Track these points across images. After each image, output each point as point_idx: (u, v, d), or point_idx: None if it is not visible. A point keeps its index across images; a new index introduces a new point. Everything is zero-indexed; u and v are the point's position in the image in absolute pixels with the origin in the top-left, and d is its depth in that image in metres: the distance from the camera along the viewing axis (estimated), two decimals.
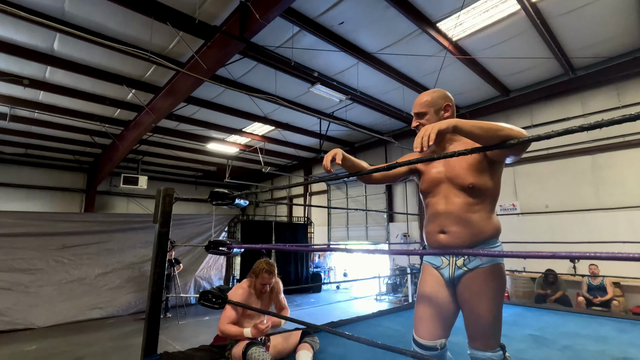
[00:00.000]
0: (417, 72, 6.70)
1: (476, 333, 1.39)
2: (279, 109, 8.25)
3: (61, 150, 10.77)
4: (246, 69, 6.45)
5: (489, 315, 1.35)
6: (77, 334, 5.72)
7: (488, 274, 1.37)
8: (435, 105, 1.53)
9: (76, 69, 6.10)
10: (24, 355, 4.63)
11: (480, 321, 1.37)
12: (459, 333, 1.66)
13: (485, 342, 1.37)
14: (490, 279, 1.37)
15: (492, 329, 1.36)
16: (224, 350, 2.37)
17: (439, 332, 1.45)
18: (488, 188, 1.39)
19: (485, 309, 1.35)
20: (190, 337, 5.50)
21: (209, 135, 10.00)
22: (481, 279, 1.37)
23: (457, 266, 1.44)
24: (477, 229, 1.38)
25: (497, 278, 1.38)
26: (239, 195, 2.18)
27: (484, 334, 1.37)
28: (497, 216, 1.48)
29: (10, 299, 5.96)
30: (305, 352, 1.99)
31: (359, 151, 11.28)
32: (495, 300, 1.36)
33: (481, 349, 1.38)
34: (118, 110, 8.08)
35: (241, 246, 2.17)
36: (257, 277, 2.41)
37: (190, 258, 8.28)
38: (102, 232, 7.13)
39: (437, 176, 1.49)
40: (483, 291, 1.36)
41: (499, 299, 1.38)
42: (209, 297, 2.16)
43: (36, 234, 6.45)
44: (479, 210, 1.39)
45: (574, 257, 0.77)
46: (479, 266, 1.39)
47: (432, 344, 1.44)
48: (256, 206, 16.29)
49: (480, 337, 1.38)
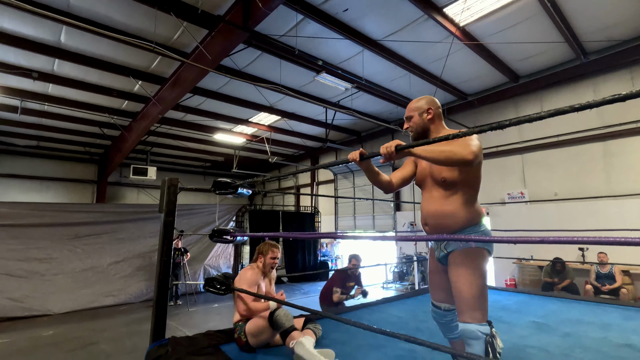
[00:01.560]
0: (423, 58, 6.59)
1: (461, 307, 1.57)
2: (285, 99, 8.23)
3: (72, 142, 10.96)
4: (251, 59, 6.43)
5: (468, 291, 1.54)
6: (91, 320, 5.91)
7: (464, 256, 1.59)
8: (419, 109, 1.79)
9: (83, 61, 6.16)
10: (42, 340, 4.82)
11: (462, 295, 1.56)
12: None
13: (471, 315, 1.52)
14: (467, 259, 1.58)
15: (474, 303, 1.53)
16: (229, 335, 2.43)
17: (442, 297, 1.79)
18: (461, 180, 1.61)
19: (464, 284, 1.55)
20: (200, 323, 5.64)
21: (216, 125, 10.05)
22: (459, 260, 1.60)
23: (441, 250, 1.73)
24: (452, 219, 1.63)
25: (473, 259, 1.57)
26: (242, 185, 2.21)
27: (467, 307, 1.54)
28: (478, 205, 1.69)
29: (28, 287, 6.17)
30: (307, 338, 2.03)
31: (366, 140, 11.22)
32: (473, 278, 1.55)
33: (467, 321, 1.53)
34: (125, 102, 8.16)
35: (244, 234, 2.21)
36: (266, 254, 2.50)
37: (199, 247, 8.43)
38: (113, 222, 7.29)
39: (424, 172, 1.79)
40: (461, 270, 1.58)
41: (477, 278, 1.55)
42: (214, 284, 2.22)
43: (50, 224, 6.63)
44: (454, 201, 1.63)
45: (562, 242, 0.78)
46: (456, 249, 1.63)
47: (438, 305, 1.81)
48: (264, 196, 16.41)
49: (465, 311, 1.54)
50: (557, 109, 0.83)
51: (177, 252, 7.11)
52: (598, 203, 6.32)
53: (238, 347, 2.19)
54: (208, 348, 2.15)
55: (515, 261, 7.13)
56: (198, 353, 2.05)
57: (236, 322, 2.30)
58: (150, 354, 2.10)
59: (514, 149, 7.73)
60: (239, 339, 2.22)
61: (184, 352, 2.03)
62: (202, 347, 2.16)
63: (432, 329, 2.65)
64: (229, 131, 10.45)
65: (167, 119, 9.22)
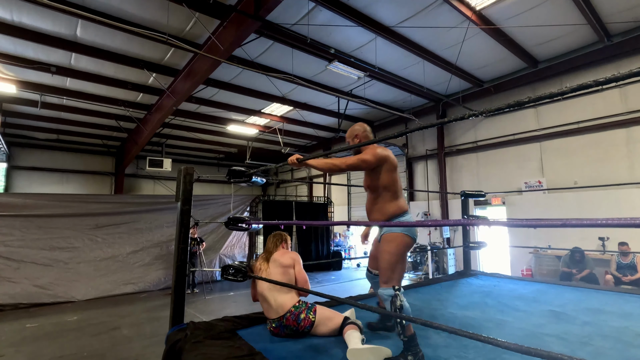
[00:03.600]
0: (438, 45, 6.45)
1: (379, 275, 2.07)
2: (297, 89, 8.20)
3: (90, 135, 11.22)
4: (262, 49, 6.41)
5: (382, 264, 2.03)
6: (113, 306, 6.13)
7: (386, 239, 2.07)
8: (351, 136, 2.38)
9: (99, 55, 6.26)
10: (67, 325, 5.03)
11: (379, 267, 2.06)
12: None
13: (382, 281, 2.02)
14: (387, 242, 2.05)
15: (384, 274, 2.01)
16: (246, 320, 2.48)
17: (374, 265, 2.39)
18: (380, 185, 2.14)
19: (381, 259, 2.05)
20: (216, 310, 5.78)
21: (229, 117, 10.11)
22: (383, 241, 2.09)
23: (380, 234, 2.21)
24: (380, 213, 2.16)
25: (391, 242, 2.04)
26: (256, 173, 2.23)
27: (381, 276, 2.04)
28: (401, 201, 2.18)
29: (52, 275, 6.42)
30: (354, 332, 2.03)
31: (379, 130, 11.11)
32: (388, 255, 2.01)
33: (380, 286, 2.03)
34: (140, 95, 8.27)
35: (259, 222, 2.24)
36: (287, 241, 2.66)
37: (215, 237, 8.57)
38: (131, 212, 7.48)
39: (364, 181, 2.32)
40: (381, 248, 2.07)
41: (391, 256, 2.01)
42: (230, 271, 2.26)
43: (71, 215, 6.85)
44: (380, 201, 2.17)
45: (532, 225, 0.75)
46: (382, 234, 2.11)
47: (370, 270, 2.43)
48: (277, 187, 16.52)
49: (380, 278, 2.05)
50: (580, 84, 0.80)
51: (193, 242, 7.25)
52: (620, 191, 6.12)
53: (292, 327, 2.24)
54: (225, 333, 2.20)
55: (532, 251, 7.01)
56: (216, 337, 2.10)
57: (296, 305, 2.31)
58: (170, 337, 2.17)
59: (532, 136, 7.53)
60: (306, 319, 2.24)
61: (202, 336, 2.09)
62: (219, 331, 2.21)
63: (447, 316, 2.65)
64: (242, 122, 10.50)
65: (181, 111, 9.31)
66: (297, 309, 2.28)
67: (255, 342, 2.04)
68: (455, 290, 3.47)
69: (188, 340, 2.04)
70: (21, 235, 6.31)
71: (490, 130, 8.34)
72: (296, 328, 2.24)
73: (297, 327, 2.24)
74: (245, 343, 2.01)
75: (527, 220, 0.96)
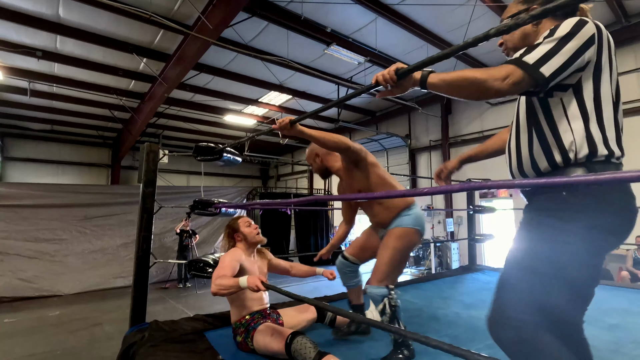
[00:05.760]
0: (442, 26, 6.06)
1: (374, 271, 1.82)
2: (294, 76, 7.85)
3: (84, 125, 10.96)
4: (256, 31, 6.06)
5: (385, 260, 1.79)
6: (100, 301, 5.88)
7: (393, 233, 1.85)
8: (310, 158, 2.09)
9: (85, 37, 5.96)
10: (47, 320, 4.77)
11: (377, 262, 1.83)
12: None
13: (375, 278, 1.78)
14: (395, 236, 1.84)
15: (381, 270, 1.78)
16: (219, 319, 2.17)
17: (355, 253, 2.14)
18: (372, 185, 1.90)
19: (383, 255, 1.81)
20: (207, 306, 5.50)
21: (226, 106, 9.78)
22: (388, 236, 1.86)
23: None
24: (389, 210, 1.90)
25: (398, 237, 1.83)
26: (226, 150, 1.91)
27: (376, 272, 1.79)
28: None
29: (38, 267, 6.17)
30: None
31: (381, 120, 10.74)
32: (394, 251, 1.80)
33: (371, 284, 1.79)
34: (132, 82, 7.97)
35: (230, 206, 1.92)
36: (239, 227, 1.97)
37: (210, 229, 8.30)
38: (122, 203, 7.20)
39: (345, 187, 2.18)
40: (387, 243, 1.83)
41: (398, 252, 1.80)
42: (200, 266, 1.95)
43: (59, 205, 6.58)
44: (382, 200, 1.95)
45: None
46: (390, 228, 1.88)
47: (347, 256, 2.16)
48: (277, 180, 16.21)
49: (374, 274, 1.80)
50: None
51: (185, 235, 6.98)
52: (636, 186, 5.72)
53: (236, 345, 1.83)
54: (191, 334, 1.90)
55: None
56: (177, 340, 1.79)
57: (237, 322, 1.85)
58: (127, 339, 1.87)
59: None
60: (243, 344, 1.79)
61: (162, 338, 1.78)
62: (184, 333, 1.90)
63: (451, 317, 2.32)
64: (239, 112, 10.17)
65: (176, 100, 9.01)
66: (237, 327, 1.84)
67: (221, 347, 1.73)
68: (460, 287, 3.15)
69: (144, 344, 1.73)
70: (5, 227, 6.05)
71: (498, 119, 7.95)
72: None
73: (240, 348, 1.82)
74: (209, 347, 1.70)
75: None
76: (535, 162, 1.08)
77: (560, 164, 1.03)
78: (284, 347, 1.58)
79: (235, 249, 1.91)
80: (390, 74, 1.08)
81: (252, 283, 1.45)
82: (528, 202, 1.14)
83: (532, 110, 1.09)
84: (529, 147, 1.09)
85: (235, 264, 1.75)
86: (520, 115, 1.13)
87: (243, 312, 1.85)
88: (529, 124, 1.09)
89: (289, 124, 1.65)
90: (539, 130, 1.07)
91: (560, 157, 1.02)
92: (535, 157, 1.07)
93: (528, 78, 0.93)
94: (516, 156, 1.14)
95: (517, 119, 1.14)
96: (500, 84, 0.93)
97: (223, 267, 1.68)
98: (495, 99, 1.04)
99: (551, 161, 1.04)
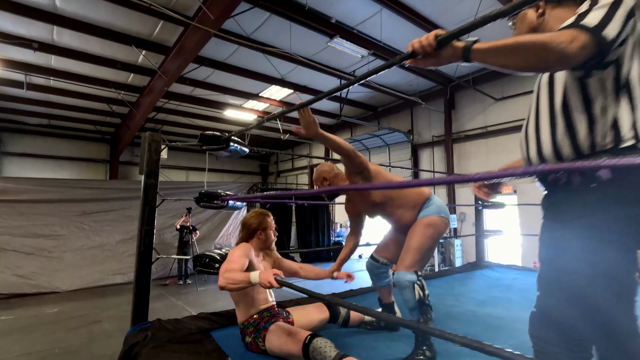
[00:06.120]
0: (449, 19, 5.94)
1: (402, 256, 1.81)
2: (296, 70, 7.71)
3: (82, 120, 10.81)
4: (258, 23, 5.93)
5: (412, 245, 1.79)
6: (99, 298, 5.78)
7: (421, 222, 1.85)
8: (319, 180, 2.04)
9: (82, 28, 5.81)
10: (45, 318, 4.67)
11: (407, 247, 1.80)
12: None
13: (404, 264, 1.76)
14: (424, 224, 1.83)
15: (412, 255, 1.77)
16: (224, 318, 2.07)
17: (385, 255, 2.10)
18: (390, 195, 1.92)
19: (412, 239, 1.81)
20: (208, 303, 5.41)
21: (226, 101, 9.65)
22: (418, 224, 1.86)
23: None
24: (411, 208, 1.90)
25: (428, 225, 1.83)
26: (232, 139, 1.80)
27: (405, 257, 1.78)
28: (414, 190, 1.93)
29: (36, 264, 6.06)
30: None
31: (382, 116, 10.63)
32: (425, 237, 1.80)
33: (399, 270, 1.76)
34: (131, 75, 7.83)
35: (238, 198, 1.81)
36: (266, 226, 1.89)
37: (210, 225, 8.20)
38: (121, 199, 7.08)
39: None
40: (418, 230, 1.83)
41: (428, 239, 1.80)
42: (206, 262, 1.85)
43: (56, 201, 6.46)
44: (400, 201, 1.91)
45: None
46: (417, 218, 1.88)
47: (377, 258, 2.11)
48: (277, 176, 16.10)
49: (402, 259, 1.79)
50: None
51: (185, 230, 6.87)
52: None
53: (245, 346, 1.72)
54: (196, 334, 1.80)
55: None
56: (182, 340, 1.69)
57: (245, 322, 1.74)
58: (128, 339, 1.77)
59: None
60: (254, 344, 1.67)
61: (165, 338, 1.68)
62: (189, 332, 1.80)
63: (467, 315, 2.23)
64: (240, 107, 10.03)
65: (176, 94, 8.88)
66: (245, 327, 1.73)
67: (229, 348, 1.63)
68: (471, 284, 3.06)
69: (147, 344, 1.63)
70: (1, 222, 5.92)
71: (502, 114, 7.84)
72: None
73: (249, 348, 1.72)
74: (217, 348, 1.60)
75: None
76: (558, 148, 0.99)
77: (587, 150, 0.94)
78: (302, 349, 1.47)
79: (246, 244, 1.80)
80: (429, 40, 0.96)
81: (264, 279, 1.35)
82: (548, 193, 1.05)
83: (560, 91, 0.99)
84: (552, 131, 1.00)
85: (245, 260, 1.65)
86: (542, 99, 1.04)
87: (250, 311, 1.75)
88: (554, 107, 1.00)
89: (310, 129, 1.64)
90: (566, 113, 0.97)
91: (588, 142, 0.93)
92: (559, 142, 0.98)
93: (592, 42, 0.83)
94: (535, 142, 1.05)
95: (537, 103, 1.06)
96: (566, 46, 0.83)
97: (232, 261, 1.58)
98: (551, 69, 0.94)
99: (577, 147, 0.95)
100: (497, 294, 2.66)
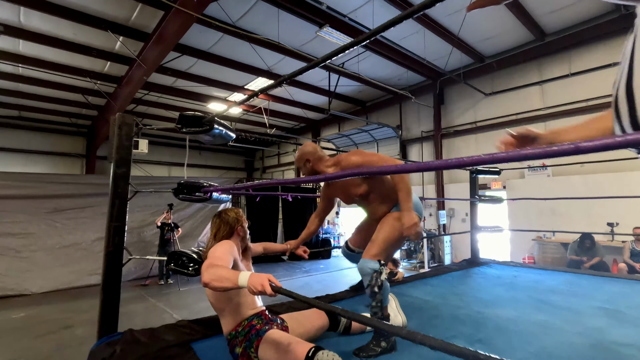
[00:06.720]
0: (440, 10, 5.80)
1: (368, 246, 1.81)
2: (284, 61, 7.44)
3: (56, 112, 10.22)
4: (244, 9, 5.64)
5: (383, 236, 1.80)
6: (73, 300, 5.40)
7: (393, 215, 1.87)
8: (301, 161, 2.00)
9: (52, 10, 5.38)
10: (10, 323, 4.29)
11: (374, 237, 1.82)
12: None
13: (369, 253, 1.77)
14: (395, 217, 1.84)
15: (377, 245, 1.78)
16: (207, 326, 1.83)
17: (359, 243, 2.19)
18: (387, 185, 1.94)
19: (379, 231, 1.83)
20: (191, 304, 5.13)
21: (210, 93, 9.29)
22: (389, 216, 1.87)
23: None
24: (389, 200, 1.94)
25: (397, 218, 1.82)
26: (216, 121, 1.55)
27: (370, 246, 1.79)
28: None
29: (2, 264, 5.62)
30: None
31: (371, 111, 10.46)
32: (393, 229, 1.80)
33: (364, 257, 1.77)
34: (108, 64, 7.38)
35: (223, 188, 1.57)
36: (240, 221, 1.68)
37: (193, 223, 7.86)
38: (97, 194, 6.64)
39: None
40: (388, 222, 1.85)
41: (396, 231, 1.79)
42: (182, 261, 1.59)
43: (25, 197, 6.00)
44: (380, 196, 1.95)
45: None
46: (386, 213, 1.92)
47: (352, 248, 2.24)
48: (263, 172, 15.76)
49: (368, 249, 1.79)
50: None
51: (167, 228, 6.53)
52: (633, 173, 5.65)
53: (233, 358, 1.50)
54: (174, 347, 1.55)
55: (535, 238, 6.56)
56: (158, 355, 1.45)
57: (232, 332, 1.53)
58: (94, 354, 1.51)
59: (537, 116, 7.02)
60: (245, 355, 1.46)
61: (137, 354, 1.43)
62: (166, 345, 1.55)
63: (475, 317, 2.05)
64: (224, 100, 9.68)
65: (157, 85, 8.48)
66: (234, 337, 1.52)
67: None
68: (472, 282, 2.90)
69: None
70: None
71: (491, 110, 7.79)
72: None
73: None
74: None
75: None
76: None
77: None
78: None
79: (229, 242, 1.55)
80: None
81: (256, 283, 1.10)
82: None
83: None
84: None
85: (230, 258, 1.41)
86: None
87: (237, 318, 1.52)
88: None
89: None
90: None
91: None
92: None
93: None
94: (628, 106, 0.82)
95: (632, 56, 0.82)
96: None
97: (217, 257, 1.34)
98: None
99: None
100: (502, 293, 2.51)
